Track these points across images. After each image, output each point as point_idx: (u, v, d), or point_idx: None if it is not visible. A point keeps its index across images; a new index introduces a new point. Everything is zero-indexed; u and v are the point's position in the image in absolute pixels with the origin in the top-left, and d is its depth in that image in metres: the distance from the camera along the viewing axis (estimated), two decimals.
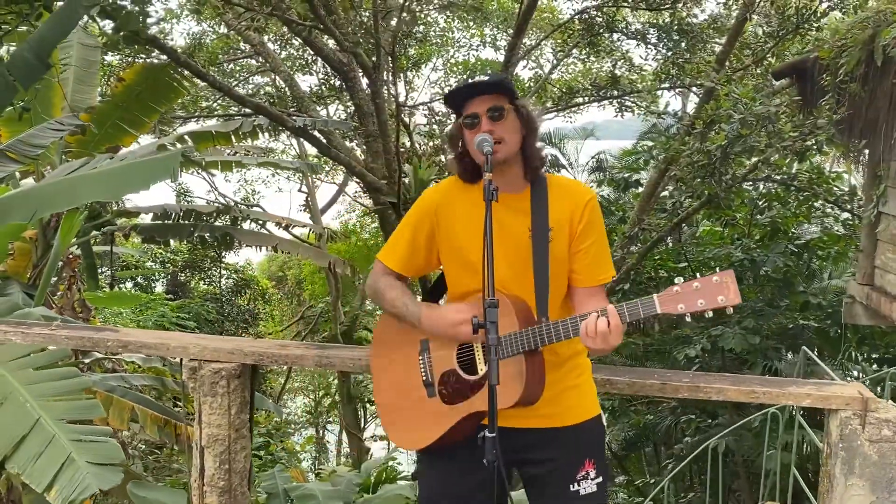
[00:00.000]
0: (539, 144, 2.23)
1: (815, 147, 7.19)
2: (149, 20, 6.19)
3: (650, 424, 11.07)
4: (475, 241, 2.18)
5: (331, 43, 10.12)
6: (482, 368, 2.16)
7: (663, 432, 11.48)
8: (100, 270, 11.89)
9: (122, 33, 4.93)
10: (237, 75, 14.84)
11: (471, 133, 2.16)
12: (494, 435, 1.83)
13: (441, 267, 2.36)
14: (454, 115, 2.26)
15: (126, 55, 9.47)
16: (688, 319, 1.92)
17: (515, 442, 2.21)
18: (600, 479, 2.25)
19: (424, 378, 2.25)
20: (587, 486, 2.22)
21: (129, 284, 19.32)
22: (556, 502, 2.23)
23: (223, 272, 19.13)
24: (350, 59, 9.16)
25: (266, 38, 11.31)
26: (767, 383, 2.47)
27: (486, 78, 2.20)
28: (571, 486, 2.21)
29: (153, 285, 19.74)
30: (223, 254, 17.56)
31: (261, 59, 12.24)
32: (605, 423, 2.36)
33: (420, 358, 2.25)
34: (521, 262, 2.18)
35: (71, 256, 7.95)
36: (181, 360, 2.73)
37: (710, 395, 2.46)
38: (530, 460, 2.25)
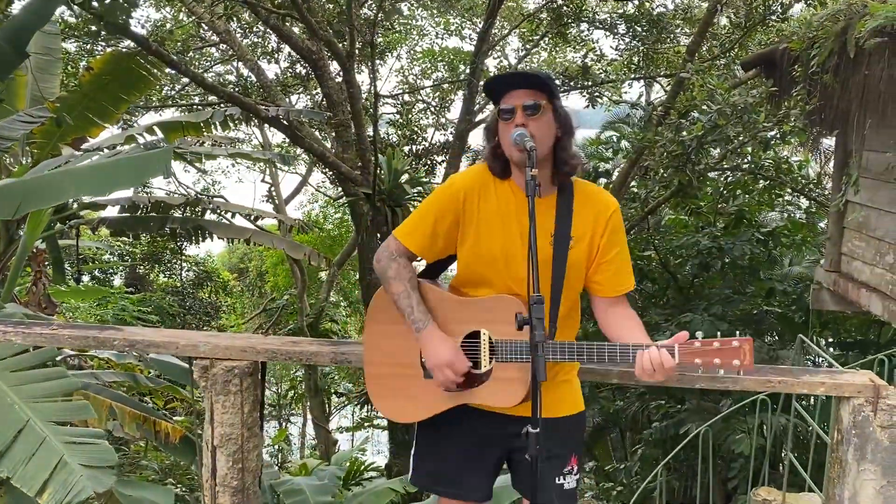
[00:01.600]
0: (574, 149, 2.22)
1: (779, 137, 7.35)
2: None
3: (617, 410, 11.22)
4: (498, 236, 2.19)
5: (296, 30, 9.98)
6: (486, 365, 2.18)
7: (629, 418, 11.65)
8: (73, 265, 11.62)
9: (102, 21, 4.75)
10: (198, 63, 14.55)
11: (505, 126, 2.14)
12: (538, 431, 1.84)
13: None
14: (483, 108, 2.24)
15: (88, 43, 9.20)
16: (699, 373, 2.03)
17: (512, 428, 2.24)
18: (578, 476, 2.34)
19: (423, 359, 2.24)
20: (570, 482, 2.30)
21: (86, 278, 18.88)
22: (543, 493, 2.24)
23: (184, 264, 18.82)
24: (319, 46, 9.03)
25: (232, 25, 11.10)
26: (783, 373, 2.51)
27: (527, 71, 2.19)
28: (557, 479, 2.27)
29: (111, 279, 19.31)
30: (183, 246, 17.26)
31: (225, 47, 12.00)
32: (586, 419, 2.44)
33: None
34: (540, 267, 2.16)
35: (37, 251, 7.74)
36: (190, 358, 2.67)
37: (727, 386, 2.49)
38: (523, 447, 2.27)
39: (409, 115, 13.35)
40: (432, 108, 16.82)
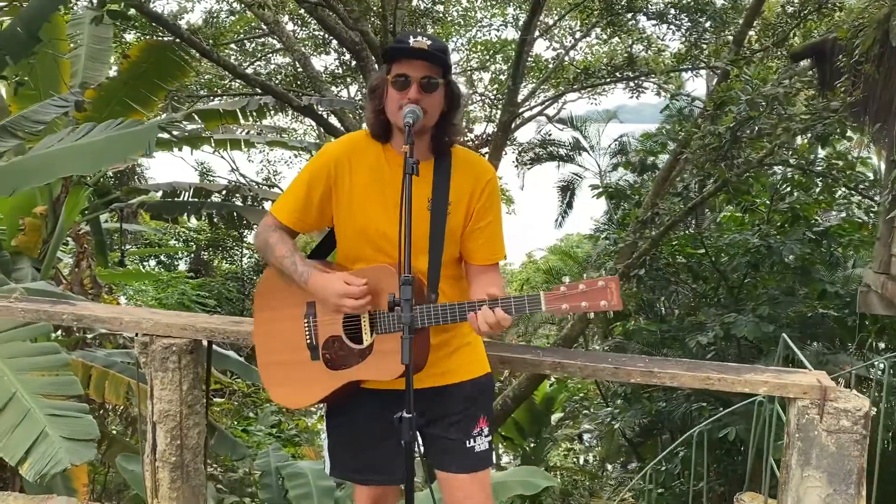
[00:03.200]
0: (456, 122, 2.19)
1: (837, 131, 6.97)
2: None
3: (663, 411, 10.94)
4: (372, 207, 2.15)
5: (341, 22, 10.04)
6: (367, 339, 2.13)
7: (679, 419, 11.36)
8: (118, 247, 12.06)
9: (105, 7, 4.89)
10: (258, 54, 14.85)
11: (397, 94, 2.08)
12: (412, 416, 1.80)
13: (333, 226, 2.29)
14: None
15: (142, 33, 9.48)
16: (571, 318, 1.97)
17: (415, 403, 2.18)
18: (490, 438, 2.29)
19: (308, 341, 2.21)
20: (481, 444, 2.25)
21: (152, 262, 19.57)
22: (456, 459, 2.25)
23: (245, 251, 19.28)
24: (361, 37, 9.07)
25: (284, 17, 11.26)
26: (724, 370, 2.38)
27: (429, 43, 2.10)
28: (467, 442, 2.23)
29: (176, 263, 19.96)
30: (244, 233, 17.69)
31: (275, 38, 12.19)
32: (494, 381, 2.38)
33: (305, 320, 2.20)
34: (417, 234, 2.13)
35: (81, 232, 8.04)
36: (135, 334, 2.71)
37: (663, 381, 2.38)
38: (430, 419, 2.24)
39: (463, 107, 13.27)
40: (490, 99, 16.74)
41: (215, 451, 6.79)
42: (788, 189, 9.92)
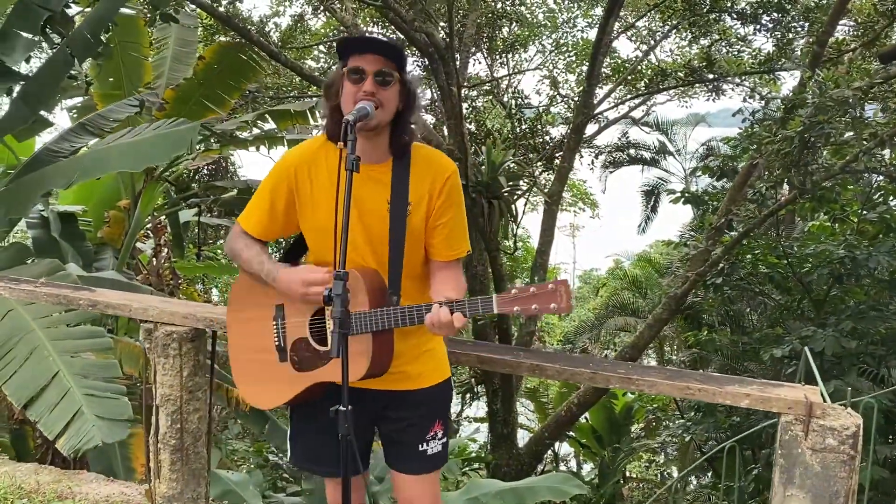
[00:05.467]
0: (414, 122, 2.19)
1: None
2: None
3: (735, 425, 10.53)
4: (328, 208, 2.15)
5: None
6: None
7: (759, 435, 10.91)
8: (211, 241, 12.60)
9: (158, 12, 5.14)
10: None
11: (352, 87, 2.08)
12: (347, 409, 1.82)
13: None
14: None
15: (221, 34, 9.86)
16: (521, 320, 1.97)
17: (374, 402, 2.25)
18: (445, 440, 2.32)
19: (277, 343, 2.24)
20: (434, 447, 2.28)
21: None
22: (407, 461, 2.29)
23: None
24: (427, 39, 9.13)
25: (361, 20, 11.48)
26: (706, 380, 2.29)
27: (383, 39, 2.14)
28: (420, 445, 2.26)
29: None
30: None
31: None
32: (452, 385, 2.39)
33: (274, 323, 2.24)
34: (377, 235, 2.15)
35: (160, 226, 8.45)
36: (140, 321, 2.84)
37: (641, 388, 2.30)
38: (388, 418, 2.28)
39: (545, 110, 13.18)
40: (574, 102, 16.54)
41: (268, 440, 7.02)
42: (881, 198, 9.36)
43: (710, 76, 9.53)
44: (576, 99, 16.20)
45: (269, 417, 6.38)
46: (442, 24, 9.09)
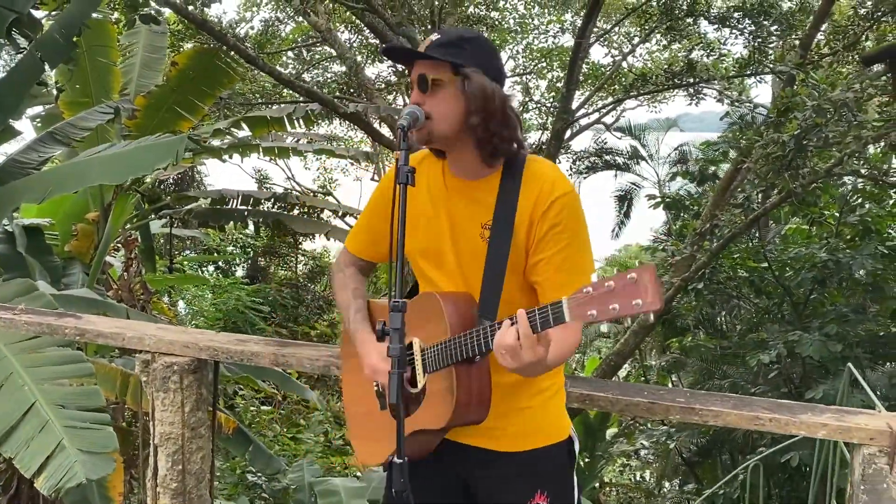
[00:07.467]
0: (500, 125, 1.81)
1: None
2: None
3: (720, 431, 10.47)
4: (427, 228, 1.92)
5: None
6: (421, 380, 1.85)
7: (741, 440, 10.88)
8: (168, 254, 12.18)
9: (137, 13, 4.86)
10: (314, 62, 14.87)
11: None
12: (402, 462, 1.55)
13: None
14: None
15: (189, 40, 9.53)
16: (603, 329, 1.56)
17: (463, 458, 1.93)
18: None
19: (377, 388, 1.97)
20: None
21: (211, 268, 19.86)
22: None
23: (300, 258, 19.39)
24: (409, 43, 8.93)
25: (340, 26, 11.22)
26: (777, 409, 2.09)
27: (435, 38, 1.82)
28: None
29: (234, 269, 20.21)
30: (300, 240, 17.79)
31: (327, 46, 12.18)
32: (576, 448, 1.98)
33: None
34: (470, 259, 1.86)
35: (130, 238, 8.08)
36: (137, 351, 2.57)
37: (706, 420, 2.10)
38: (478, 477, 1.95)
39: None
40: (546, 107, 16.44)
41: (251, 464, 6.71)
42: (860, 201, 9.39)
43: (692, 80, 9.49)
44: (548, 105, 16.12)
45: (252, 441, 6.08)
46: (424, 28, 8.88)
